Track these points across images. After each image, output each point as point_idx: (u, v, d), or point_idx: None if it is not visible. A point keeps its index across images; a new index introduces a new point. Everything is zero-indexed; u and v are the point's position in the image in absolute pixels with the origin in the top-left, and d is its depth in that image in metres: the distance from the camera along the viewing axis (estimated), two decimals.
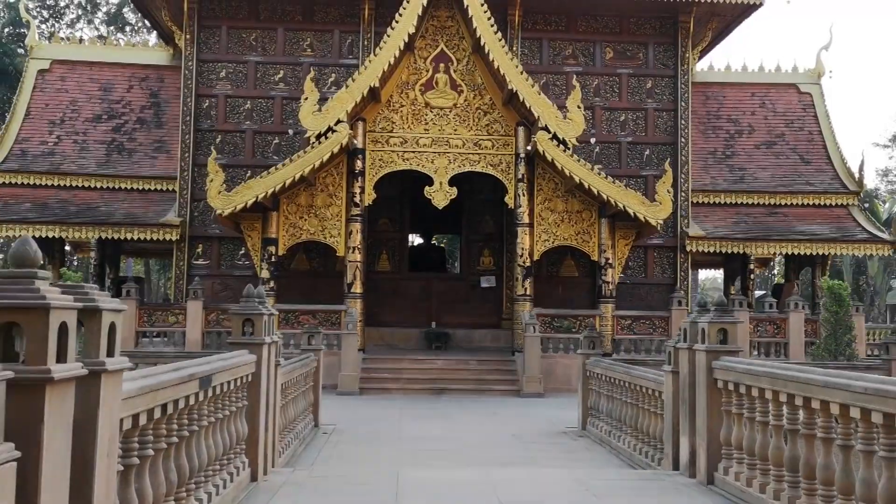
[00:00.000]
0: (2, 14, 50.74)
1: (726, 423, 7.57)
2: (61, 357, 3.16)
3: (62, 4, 54.34)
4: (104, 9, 54.63)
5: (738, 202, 24.84)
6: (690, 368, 8.14)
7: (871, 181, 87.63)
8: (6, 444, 2.79)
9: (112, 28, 54.52)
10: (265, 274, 19.81)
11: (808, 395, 5.94)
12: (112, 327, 3.69)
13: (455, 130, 20.27)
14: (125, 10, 52.74)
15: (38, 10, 53.40)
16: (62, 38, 28.52)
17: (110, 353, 3.68)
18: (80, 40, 28.86)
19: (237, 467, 7.10)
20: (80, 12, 54.69)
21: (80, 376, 3.31)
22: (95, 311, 3.53)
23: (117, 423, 3.84)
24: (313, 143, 19.05)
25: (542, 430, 13.11)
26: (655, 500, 7.19)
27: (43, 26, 50.44)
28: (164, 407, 4.83)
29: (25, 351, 3.07)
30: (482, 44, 19.38)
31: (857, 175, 24.93)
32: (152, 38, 49.78)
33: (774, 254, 24.15)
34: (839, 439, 5.59)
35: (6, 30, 49.04)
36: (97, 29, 55.07)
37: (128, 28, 54.37)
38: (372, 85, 19.02)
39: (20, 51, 47.89)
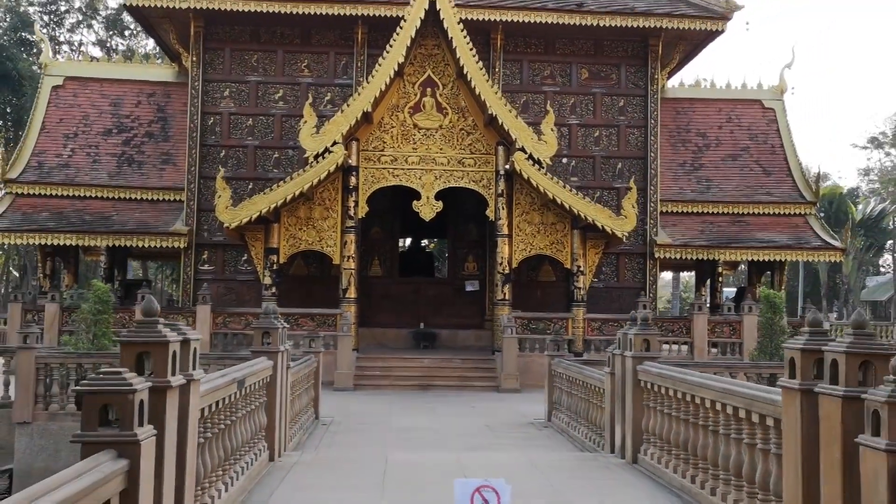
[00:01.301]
0: (4, 19, 52.30)
1: (646, 414, 9.54)
2: (173, 372, 5.09)
3: (63, 10, 55.88)
4: (104, 13, 56.18)
5: (705, 211, 26.80)
6: (622, 371, 10.11)
7: (852, 180, 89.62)
8: (149, 426, 4.72)
9: (112, 33, 56.25)
10: (267, 280, 21.71)
11: (692, 393, 7.92)
12: (195, 350, 5.63)
13: (441, 149, 22.20)
14: (124, 14, 54.13)
15: (38, 14, 55.07)
16: (73, 55, 30.36)
17: (194, 367, 5.62)
18: (91, 57, 30.66)
19: (260, 450, 9.05)
20: (80, 17, 56.25)
21: (182, 384, 5.25)
22: (187, 341, 5.47)
23: (198, 412, 5.78)
24: (311, 162, 20.96)
25: (513, 421, 15.05)
26: (589, 473, 9.17)
27: (45, 31, 51.89)
28: (217, 402, 6.77)
29: (153, 368, 5.00)
30: (465, 72, 21.30)
31: (813, 186, 26.95)
32: (150, 42, 51.54)
33: (735, 260, 26.10)
34: (711, 426, 7.57)
35: (7, 35, 50.61)
36: (97, 33, 56.82)
37: (126, 32, 56.06)
38: (365, 109, 20.94)
39: (23, 55, 49.60)
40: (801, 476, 5.55)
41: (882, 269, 76.00)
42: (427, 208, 21.90)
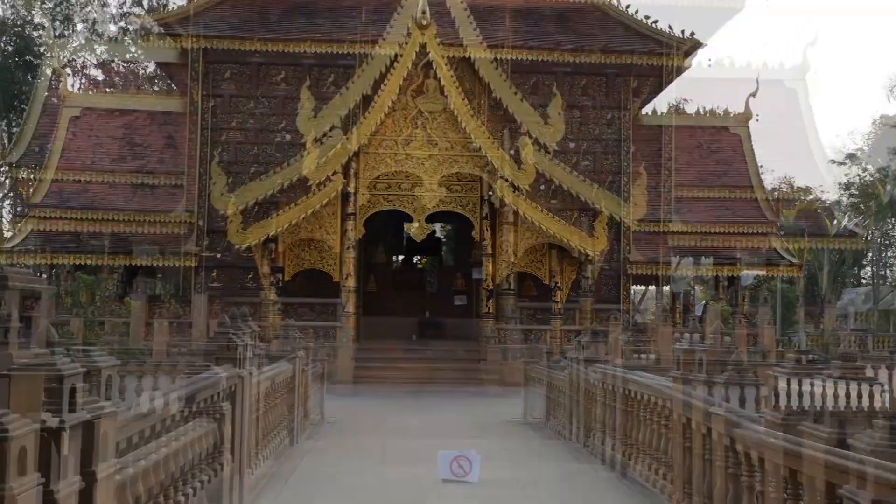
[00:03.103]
0: (10, 43, 54.32)
1: (594, 406, 11.80)
2: (244, 365, 7.35)
3: (66, 34, 57.91)
4: (105, 36, 58.23)
5: (676, 230, 29.11)
6: (577, 372, 12.37)
7: (833, 194, 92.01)
8: (227, 402, 6.97)
9: (114, 55, 58.34)
10: (273, 296, 23.96)
11: (623, 386, 10.18)
12: (253, 353, 7.90)
13: (431, 177, 24.49)
14: (126, 38, 56.08)
15: (41, 37, 57.19)
16: (75, 77, 32.48)
17: (252, 364, 7.88)
18: (106, 88, 32.93)
19: (284, 435, 11.28)
20: (82, 40, 58.29)
21: (246, 375, 7.51)
22: (247, 346, 7.73)
23: (256, 394, 8.05)
24: (314, 189, 23.24)
25: (494, 420, 17.19)
26: (546, 453, 11.42)
27: (48, 54, 53.79)
28: (259, 393, 9.01)
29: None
30: (451, 107, 23.63)
31: (774, 207, 29.33)
32: (150, 65, 53.61)
33: (702, 276, 28.41)
34: (634, 411, 9.83)
35: (13, 58, 52.62)
36: (98, 56, 58.92)
37: (127, 55, 58.18)
38: (362, 143, 23.23)
39: (28, 77, 51.63)
40: (682, 439, 7.81)
41: (864, 281, 78.33)
42: (418, 230, 24.20)
